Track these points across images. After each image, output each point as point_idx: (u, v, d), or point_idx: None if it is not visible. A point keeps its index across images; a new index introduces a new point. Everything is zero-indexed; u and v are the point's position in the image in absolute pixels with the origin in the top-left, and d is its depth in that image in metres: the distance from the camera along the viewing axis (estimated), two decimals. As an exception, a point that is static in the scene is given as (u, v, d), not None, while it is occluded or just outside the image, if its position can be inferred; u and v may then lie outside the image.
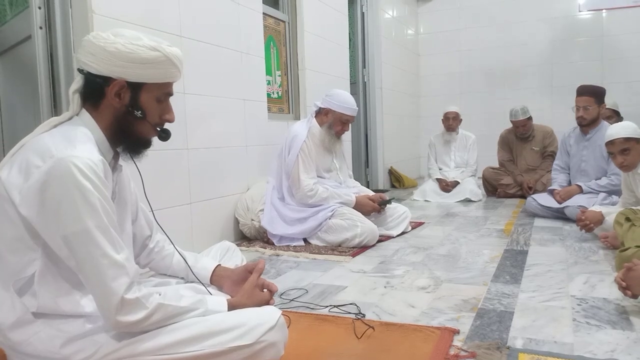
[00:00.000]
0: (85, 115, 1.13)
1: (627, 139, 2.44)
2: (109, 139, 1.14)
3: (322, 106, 2.94)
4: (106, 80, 1.10)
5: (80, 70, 1.13)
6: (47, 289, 1.04)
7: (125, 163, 1.23)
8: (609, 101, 4.24)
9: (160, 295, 1.08)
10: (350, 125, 3.00)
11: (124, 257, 1.02)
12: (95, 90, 1.12)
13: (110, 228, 1.01)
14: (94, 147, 1.07)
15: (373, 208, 2.92)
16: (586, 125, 3.43)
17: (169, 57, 1.12)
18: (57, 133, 1.07)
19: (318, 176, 2.94)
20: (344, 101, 2.89)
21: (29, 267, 1.04)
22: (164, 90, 1.16)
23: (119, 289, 0.99)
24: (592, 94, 3.37)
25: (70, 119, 1.14)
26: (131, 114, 1.13)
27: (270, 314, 1.15)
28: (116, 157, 1.19)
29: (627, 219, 2.27)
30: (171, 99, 1.21)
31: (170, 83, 1.18)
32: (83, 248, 0.98)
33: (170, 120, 1.20)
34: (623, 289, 1.59)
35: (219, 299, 1.20)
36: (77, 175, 0.98)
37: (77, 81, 1.14)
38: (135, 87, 1.12)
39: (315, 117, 2.98)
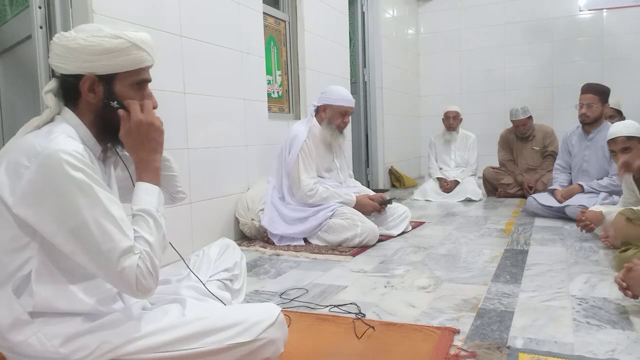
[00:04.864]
0: (68, 113, 1.12)
1: (629, 138, 2.44)
2: (96, 135, 1.13)
3: (319, 104, 2.96)
4: (77, 78, 1.09)
5: (54, 74, 1.12)
6: (44, 287, 1.04)
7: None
8: (612, 100, 4.24)
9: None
10: (350, 119, 3.01)
11: (131, 235, 1.02)
12: (70, 90, 1.11)
13: (112, 212, 1.00)
14: (77, 141, 1.06)
15: (374, 207, 2.92)
16: (589, 123, 3.42)
17: (133, 41, 1.09)
18: (40, 132, 1.06)
19: (318, 176, 2.94)
20: (339, 93, 2.92)
21: (25, 266, 1.03)
22: (138, 77, 1.13)
23: (131, 271, 0.99)
24: (596, 92, 3.36)
25: (52, 119, 1.12)
26: (110, 107, 1.11)
27: (269, 311, 1.15)
28: (105, 150, 1.18)
29: (628, 219, 2.26)
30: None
31: (143, 69, 1.14)
32: (89, 239, 0.98)
33: (153, 106, 1.17)
34: (623, 290, 1.59)
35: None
36: (67, 169, 0.97)
37: (51, 83, 1.13)
38: (107, 79, 1.10)
39: (314, 116, 2.99)
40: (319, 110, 2.96)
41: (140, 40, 1.11)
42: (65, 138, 1.02)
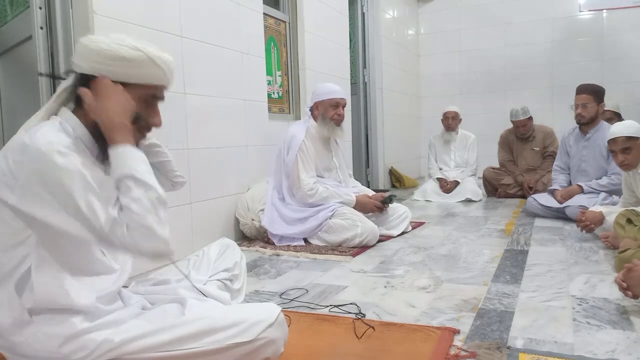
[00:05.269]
0: (66, 113, 1.13)
1: (629, 138, 2.44)
2: (94, 136, 1.13)
3: (311, 104, 3.00)
4: (89, 79, 1.10)
5: (71, 71, 1.14)
6: (43, 281, 1.04)
7: None
8: (610, 103, 4.23)
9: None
10: (344, 109, 2.99)
11: (114, 210, 1.02)
12: (80, 87, 1.12)
13: (98, 190, 1.01)
14: (65, 133, 1.07)
15: (374, 205, 2.91)
16: (585, 123, 3.43)
17: (151, 57, 1.11)
18: (32, 129, 1.07)
19: (318, 175, 2.94)
20: (326, 88, 2.97)
21: (23, 264, 1.03)
22: (148, 92, 1.14)
23: (126, 241, 1.01)
24: (591, 92, 3.37)
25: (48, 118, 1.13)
26: None
27: (269, 311, 1.15)
28: (105, 151, 1.18)
29: (629, 220, 2.27)
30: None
31: (156, 86, 1.15)
32: (86, 219, 0.99)
33: (156, 125, 1.19)
34: (624, 290, 1.59)
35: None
36: (54, 158, 0.98)
37: (68, 80, 1.15)
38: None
39: (310, 117, 3.01)
40: (313, 110, 2.99)
41: (158, 58, 1.12)
42: (53, 131, 1.04)
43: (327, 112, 2.93)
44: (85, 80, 1.11)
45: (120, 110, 1.09)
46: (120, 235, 1.00)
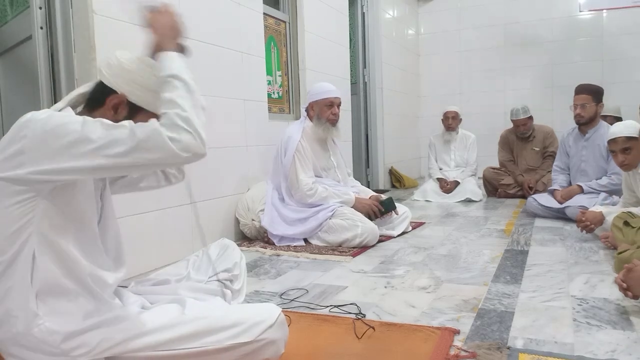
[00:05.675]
0: (69, 112, 1.14)
1: (630, 138, 2.44)
2: None
3: (307, 104, 3.01)
4: (111, 92, 1.14)
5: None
6: (45, 257, 1.04)
7: None
8: (611, 106, 4.24)
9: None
10: (339, 108, 2.99)
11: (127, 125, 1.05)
12: (97, 96, 1.15)
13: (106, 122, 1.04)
14: None
15: (372, 204, 2.90)
16: (584, 123, 3.43)
17: None
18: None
19: (316, 175, 2.94)
20: (320, 87, 2.98)
21: (26, 247, 1.03)
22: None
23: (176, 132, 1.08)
24: (589, 92, 3.38)
25: None
26: None
27: (270, 312, 1.15)
28: None
29: (626, 223, 2.26)
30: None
31: None
32: (113, 148, 1.01)
33: None
34: (624, 290, 1.59)
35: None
36: (55, 117, 1.02)
37: (89, 85, 1.19)
38: (134, 109, 1.15)
39: (307, 117, 3.01)
40: (309, 111, 3.00)
41: None
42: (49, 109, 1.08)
43: (322, 112, 2.93)
44: (104, 91, 1.14)
45: (173, 26, 1.18)
46: (161, 124, 1.02)
